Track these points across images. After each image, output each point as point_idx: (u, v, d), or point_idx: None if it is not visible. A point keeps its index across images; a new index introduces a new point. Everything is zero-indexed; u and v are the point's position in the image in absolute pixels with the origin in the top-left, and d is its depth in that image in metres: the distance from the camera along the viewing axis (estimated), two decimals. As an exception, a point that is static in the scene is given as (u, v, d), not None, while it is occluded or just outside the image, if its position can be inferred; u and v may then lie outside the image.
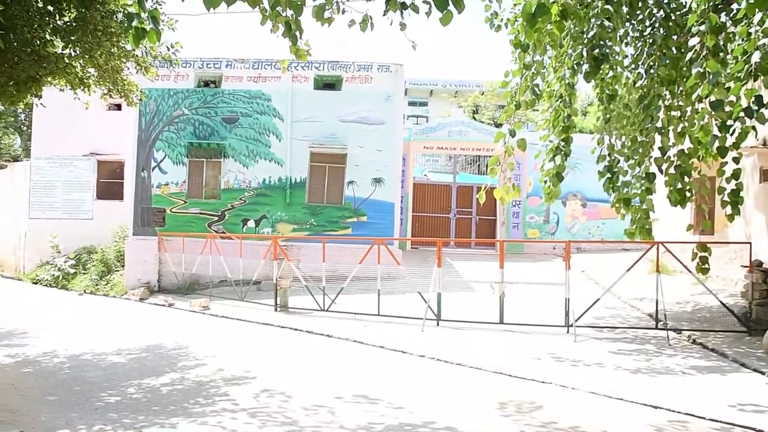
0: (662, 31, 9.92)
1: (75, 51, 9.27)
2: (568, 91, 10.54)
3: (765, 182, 12.94)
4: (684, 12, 9.74)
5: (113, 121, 22.14)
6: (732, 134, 8.39)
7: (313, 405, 7.23)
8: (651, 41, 10.13)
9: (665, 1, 10.13)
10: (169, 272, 18.55)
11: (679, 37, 9.90)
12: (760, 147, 12.51)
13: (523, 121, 17.85)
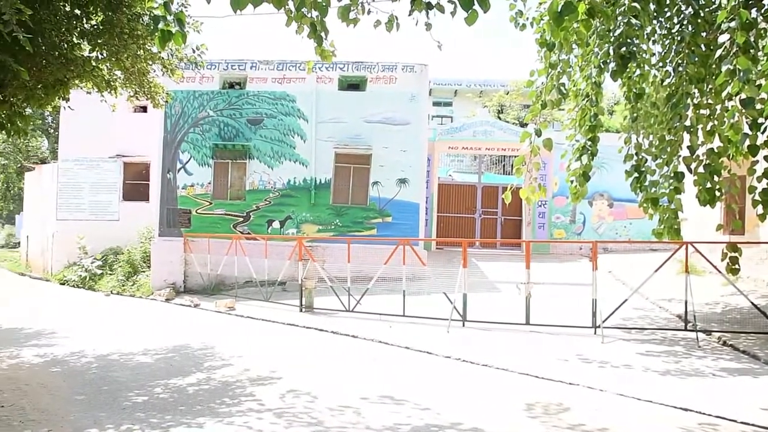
0: (691, 28, 9.74)
1: (102, 54, 9.36)
2: (595, 89, 10.42)
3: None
4: (713, 8, 9.57)
5: (139, 123, 22.29)
6: (763, 132, 8.27)
7: (338, 405, 7.23)
8: (679, 39, 9.96)
9: (694, -2, 9.99)
10: (194, 273, 18.68)
11: (708, 34, 9.73)
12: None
13: (549, 120, 17.67)
